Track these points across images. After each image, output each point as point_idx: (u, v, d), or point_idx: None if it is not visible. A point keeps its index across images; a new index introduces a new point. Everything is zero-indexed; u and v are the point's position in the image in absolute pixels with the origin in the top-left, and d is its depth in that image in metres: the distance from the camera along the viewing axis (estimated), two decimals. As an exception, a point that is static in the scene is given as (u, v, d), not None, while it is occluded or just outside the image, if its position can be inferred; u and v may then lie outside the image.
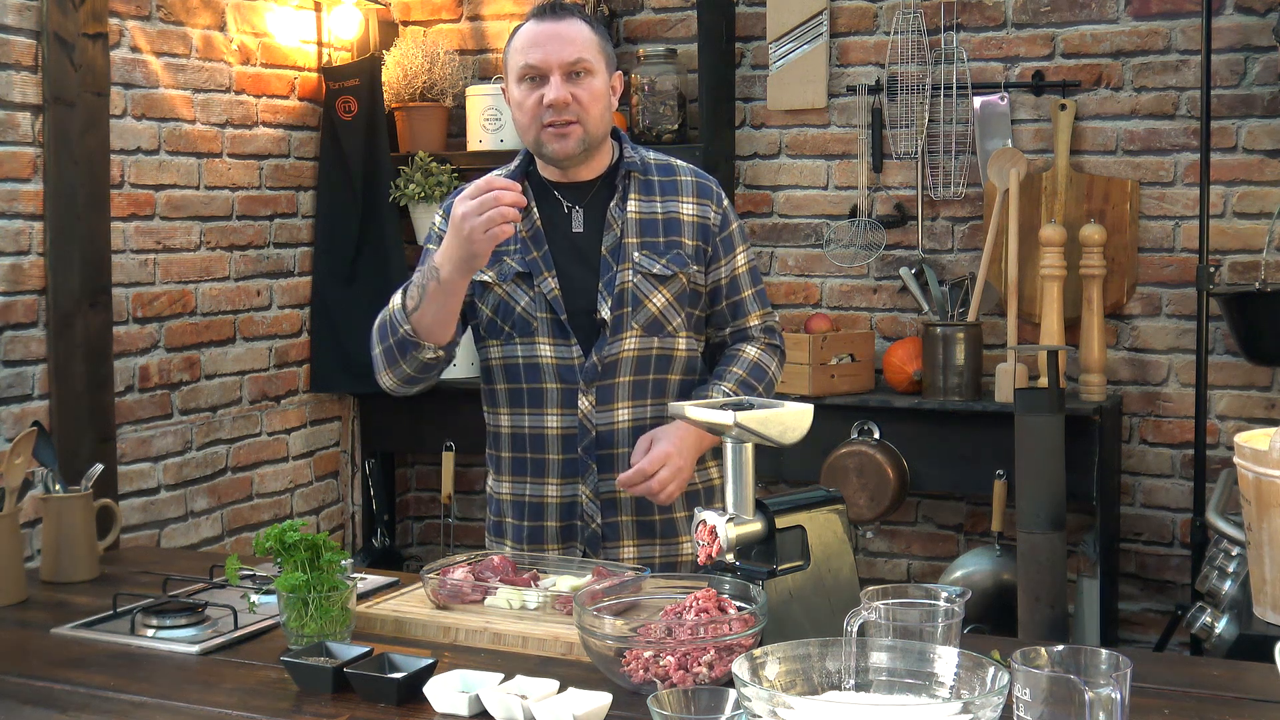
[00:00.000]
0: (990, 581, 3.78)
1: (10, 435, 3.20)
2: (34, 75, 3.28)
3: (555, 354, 2.37)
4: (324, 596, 1.96)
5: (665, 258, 2.37)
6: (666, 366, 2.41)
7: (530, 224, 2.38)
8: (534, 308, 2.36)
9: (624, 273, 2.36)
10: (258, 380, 4.11)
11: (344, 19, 4.31)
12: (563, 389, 2.37)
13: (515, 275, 2.37)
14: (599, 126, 2.34)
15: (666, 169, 2.45)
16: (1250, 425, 3.70)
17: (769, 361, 2.48)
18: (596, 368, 2.35)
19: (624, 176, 2.40)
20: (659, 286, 2.37)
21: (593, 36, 2.34)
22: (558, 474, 2.40)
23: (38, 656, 2.02)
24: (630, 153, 2.43)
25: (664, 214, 2.40)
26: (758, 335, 2.49)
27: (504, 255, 2.38)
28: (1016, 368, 3.76)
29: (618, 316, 2.35)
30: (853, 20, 4.13)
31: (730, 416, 1.87)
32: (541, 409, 2.39)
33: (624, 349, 2.36)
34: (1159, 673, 1.87)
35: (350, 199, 4.28)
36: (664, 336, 2.39)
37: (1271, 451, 2.30)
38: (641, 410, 2.39)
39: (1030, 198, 3.91)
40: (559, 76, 2.29)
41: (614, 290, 2.35)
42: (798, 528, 1.94)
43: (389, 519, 4.53)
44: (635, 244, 2.37)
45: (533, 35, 2.32)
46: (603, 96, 2.34)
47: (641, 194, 2.41)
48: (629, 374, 2.37)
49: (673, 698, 1.51)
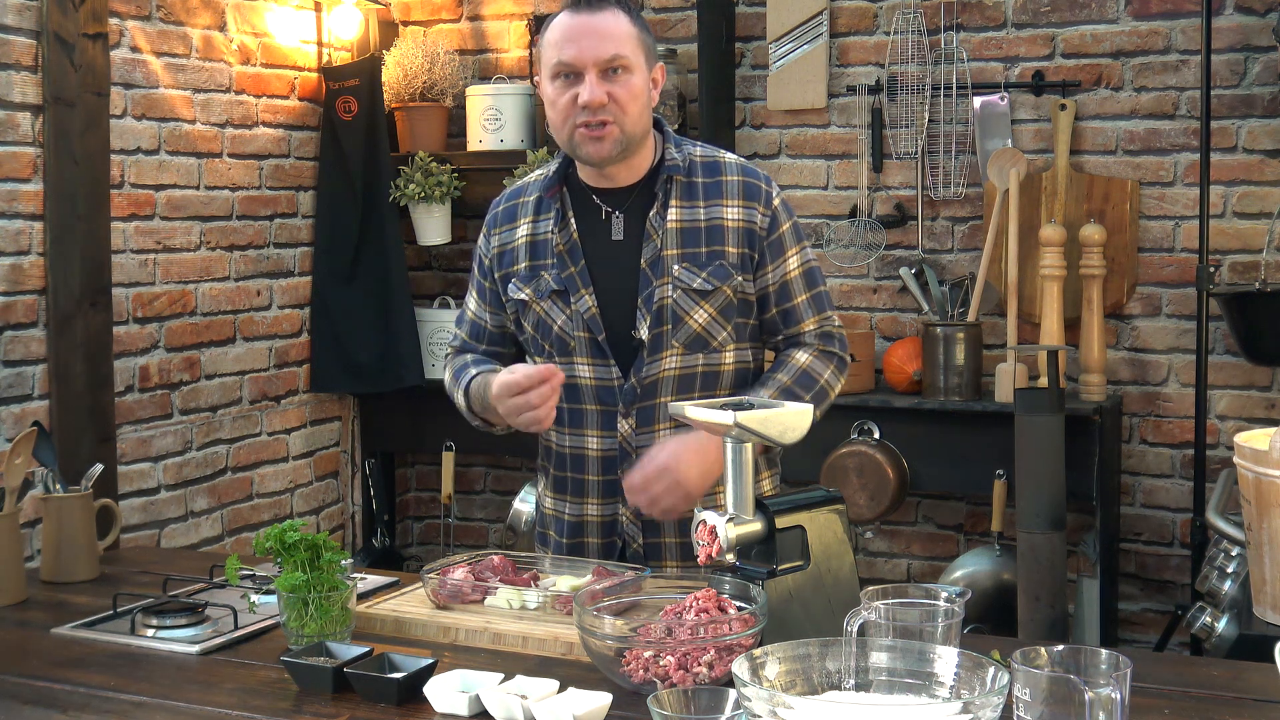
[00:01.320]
0: (990, 581, 3.78)
1: (10, 435, 3.20)
2: (34, 75, 3.28)
3: (594, 375, 2.28)
4: (324, 596, 1.96)
5: (707, 270, 2.24)
6: (713, 383, 2.30)
7: (567, 236, 2.28)
8: (571, 326, 2.27)
9: (663, 288, 2.23)
10: (258, 380, 4.11)
11: (344, 19, 4.31)
12: (602, 411, 2.29)
13: (552, 293, 2.28)
14: (637, 126, 2.21)
15: (712, 168, 2.29)
16: (1250, 425, 3.70)
17: (820, 369, 2.32)
18: (635, 390, 2.26)
19: (665, 181, 2.26)
20: (700, 302, 2.24)
21: (631, 28, 2.20)
22: (598, 494, 2.33)
23: (38, 656, 2.02)
24: (673, 153, 2.28)
25: (707, 220, 2.26)
26: (812, 342, 2.34)
27: (541, 271, 2.29)
28: (1016, 368, 3.76)
29: (656, 335, 2.24)
30: (853, 20, 4.13)
31: (730, 416, 1.87)
32: (582, 429, 2.32)
33: (664, 369, 2.26)
34: (1159, 673, 1.87)
35: (350, 199, 4.28)
36: (709, 352, 2.28)
37: (1271, 451, 2.30)
38: (685, 429, 2.25)
39: (1030, 198, 3.91)
40: (594, 74, 2.16)
41: (652, 307, 2.23)
42: (798, 528, 1.94)
43: (389, 519, 4.53)
44: (675, 255, 2.24)
45: (567, 29, 2.18)
46: (642, 94, 2.20)
47: (683, 199, 2.26)
48: (670, 394, 2.27)
49: (673, 698, 1.51)
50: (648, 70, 2.23)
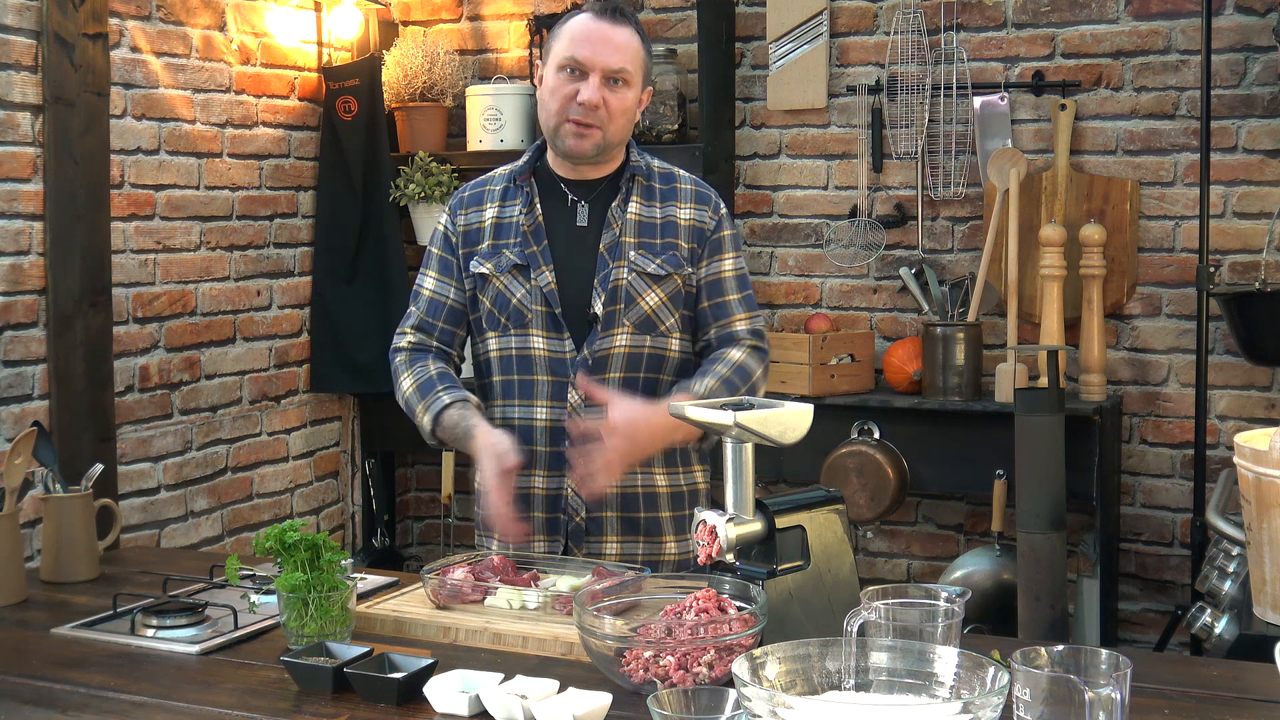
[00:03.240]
0: (990, 581, 3.78)
1: (10, 435, 3.20)
2: (34, 75, 3.28)
3: (548, 346, 2.39)
4: (324, 596, 1.96)
5: (661, 258, 2.40)
6: (659, 366, 2.43)
7: (533, 219, 2.42)
8: (529, 300, 2.39)
9: (619, 270, 2.38)
10: (258, 380, 4.11)
11: (344, 19, 4.31)
12: (553, 381, 2.39)
13: (513, 267, 2.41)
14: (619, 135, 2.38)
15: (668, 177, 2.49)
16: (1250, 425, 3.70)
17: (754, 365, 2.44)
18: (587, 361, 2.37)
19: (628, 179, 2.43)
20: (653, 285, 2.40)
21: (640, 49, 2.39)
22: (545, 466, 2.41)
23: (38, 656, 2.02)
24: (636, 157, 2.46)
25: (662, 218, 2.43)
26: (744, 338, 2.46)
27: (504, 248, 2.42)
28: (1016, 368, 3.76)
29: (610, 312, 2.37)
30: (853, 20, 4.13)
31: (730, 416, 1.87)
32: (531, 400, 2.41)
33: (615, 345, 2.38)
34: (1159, 673, 1.87)
35: (350, 199, 4.28)
36: (656, 335, 2.41)
37: (1271, 451, 2.29)
38: None
39: (1030, 198, 3.91)
40: (599, 79, 2.33)
41: (608, 286, 2.37)
42: (798, 528, 1.94)
43: (389, 519, 4.53)
44: (633, 243, 2.40)
45: (587, 30, 2.35)
46: (631, 108, 2.38)
47: (643, 198, 2.44)
48: (619, 370, 2.39)
49: (673, 698, 1.51)
50: (641, 90, 2.41)
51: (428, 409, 2.41)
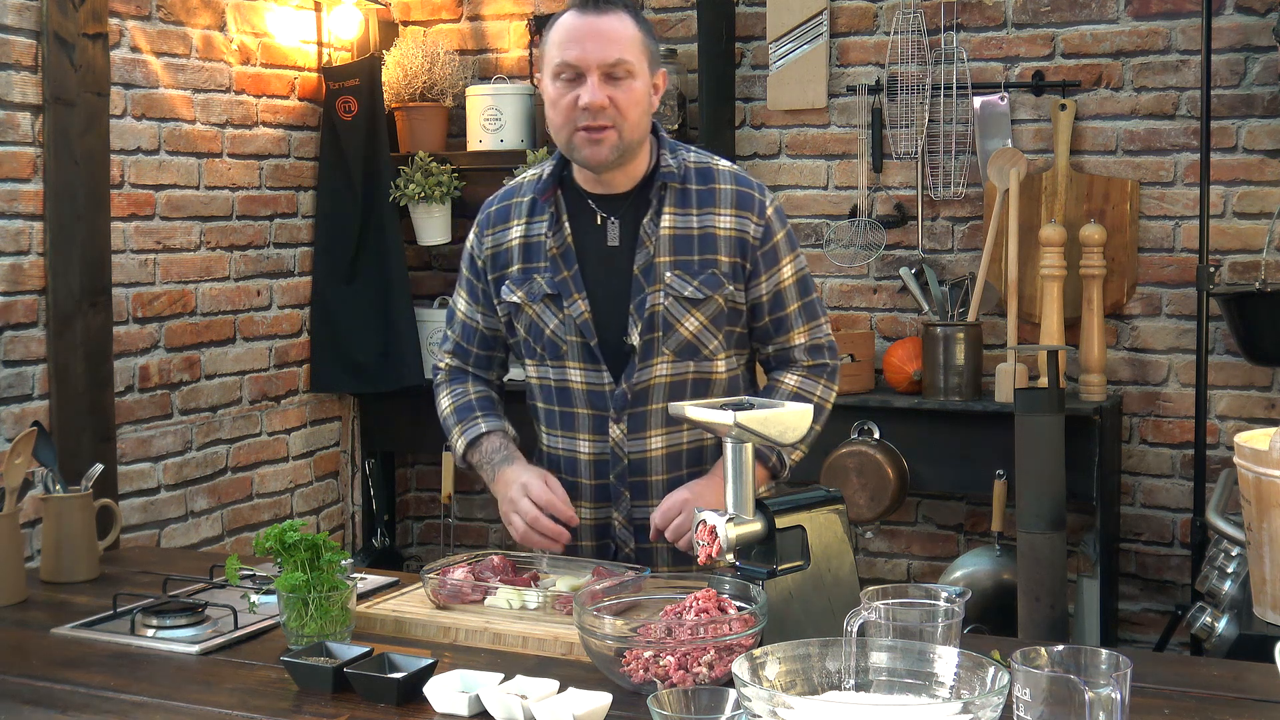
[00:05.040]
0: (990, 581, 3.77)
1: (10, 435, 3.20)
2: (34, 75, 3.28)
3: (585, 379, 2.29)
4: (324, 596, 1.96)
5: (699, 279, 2.24)
6: (704, 390, 2.30)
7: (561, 240, 2.28)
8: (563, 331, 2.28)
9: (655, 294, 2.24)
10: (258, 380, 4.11)
11: (344, 19, 4.31)
12: (593, 415, 2.30)
13: (545, 296, 2.28)
14: (636, 131, 2.21)
15: (705, 174, 2.29)
16: (1250, 425, 3.70)
17: (810, 387, 2.35)
18: (626, 396, 2.27)
19: (660, 188, 2.26)
20: (692, 310, 2.25)
21: (637, 33, 2.20)
22: (590, 498, 2.34)
23: (38, 656, 2.02)
24: (668, 160, 2.27)
25: (700, 229, 2.26)
26: (800, 358, 2.36)
27: (535, 274, 2.29)
28: (1016, 368, 3.76)
29: (648, 342, 2.25)
30: (853, 20, 4.13)
31: (730, 416, 1.87)
32: (574, 433, 2.33)
33: (655, 375, 2.27)
34: (1159, 673, 1.87)
35: (350, 199, 4.28)
36: (700, 360, 2.28)
37: (1271, 451, 2.30)
38: (677, 437, 2.31)
39: (1030, 198, 3.91)
40: (597, 77, 2.15)
41: (644, 313, 2.24)
42: (798, 528, 1.94)
43: (389, 519, 4.53)
44: (668, 263, 2.24)
45: (572, 29, 2.17)
46: (643, 99, 2.20)
47: (678, 206, 2.26)
48: (662, 400, 2.27)
49: (673, 698, 1.51)
50: (650, 75, 2.22)
51: (463, 433, 2.38)
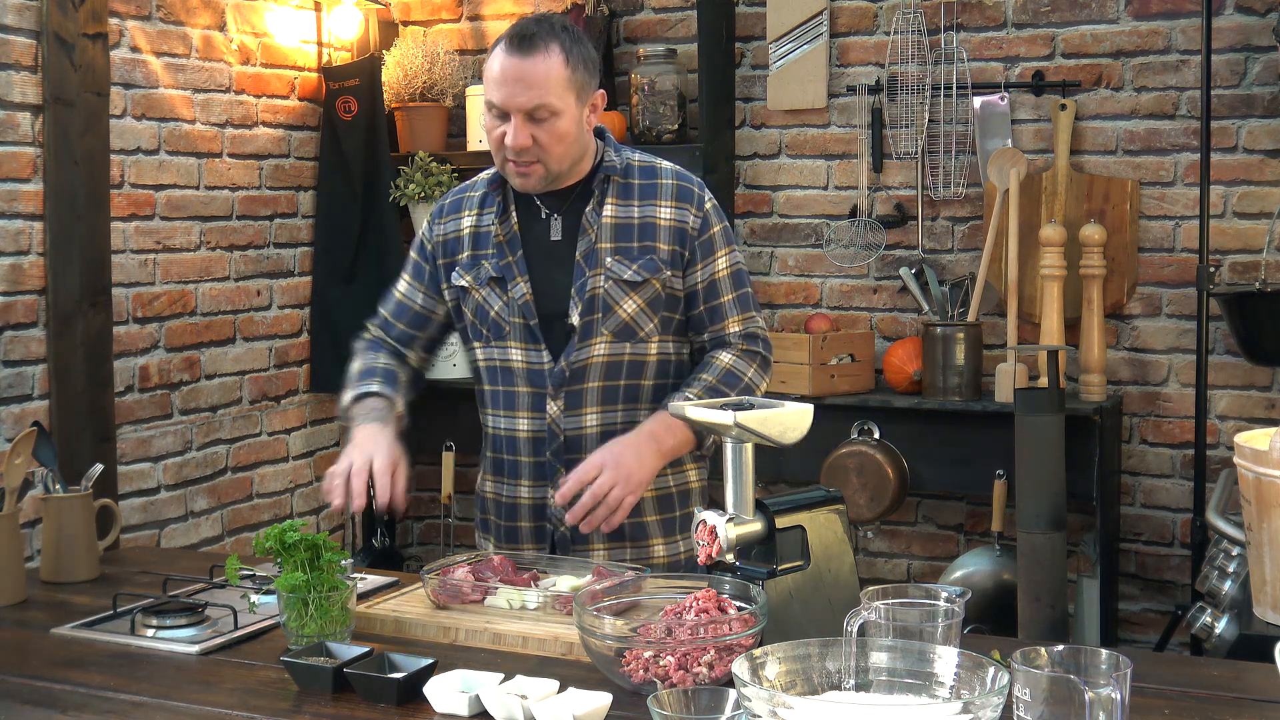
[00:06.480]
0: (990, 581, 3.78)
1: (10, 435, 3.20)
2: (34, 75, 3.28)
3: (525, 358, 2.38)
4: (324, 597, 1.96)
5: (638, 263, 2.34)
6: (639, 372, 2.39)
7: (508, 229, 2.38)
8: (507, 312, 2.37)
9: (595, 278, 2.33)
10: (258, 380, 4.11)
11: (344, 19, 4.31)
12: (532, 393, 2.38)
13: (490, 280, 2.38)
14: (563, 162, 2.30)
15: (649, 171, 2.40)
16: (1250, 425, 3.70)
17: (744, 368, 2.40)
18: (565, 373, 2.35)
19: (601, 180, 2.36)
20: (630, 292, 2.34)
21: (563, 72, 2.24)
22: (529, 476, 2.41)
23: (38, 656, 2.02)
24: (611, 156, 2.38)
25: (640, 218, 2.36)
26: (735, 341, 2.42)
27: (482, 259, 2.40)
28: (1016, 368, 3.76)
29: (587, 322, 2.33)
30: (853, 20, 4.13)
31: (730, 416, 1.87)
32: (514, 411, 2.41)
33: (593, 355, 2.35)
34: (1159, 673, 1.87)
35: (350, 199, 4.28)
36: (635, 342, 2.37)
37: (1271, 451, 2.30)
38: (611, 415, 2.38)
39: (1030, 198, 3.91)
40: (519, 119, 2.23)
41: (584, 295, 2.33)
42: (798, 528, 1.94)
43: (389, 519, 4.53)
44: (609, 249, 2.34)
45: (499, 71, 2.24)
46: (568, 134, 2.27)
47: (619, 198, 2.37)
48: (598, 379, 2.36)
49: (673, 698, 1.51)
50: (580, 107, 2.28)
51: (355, 388, 2.44)
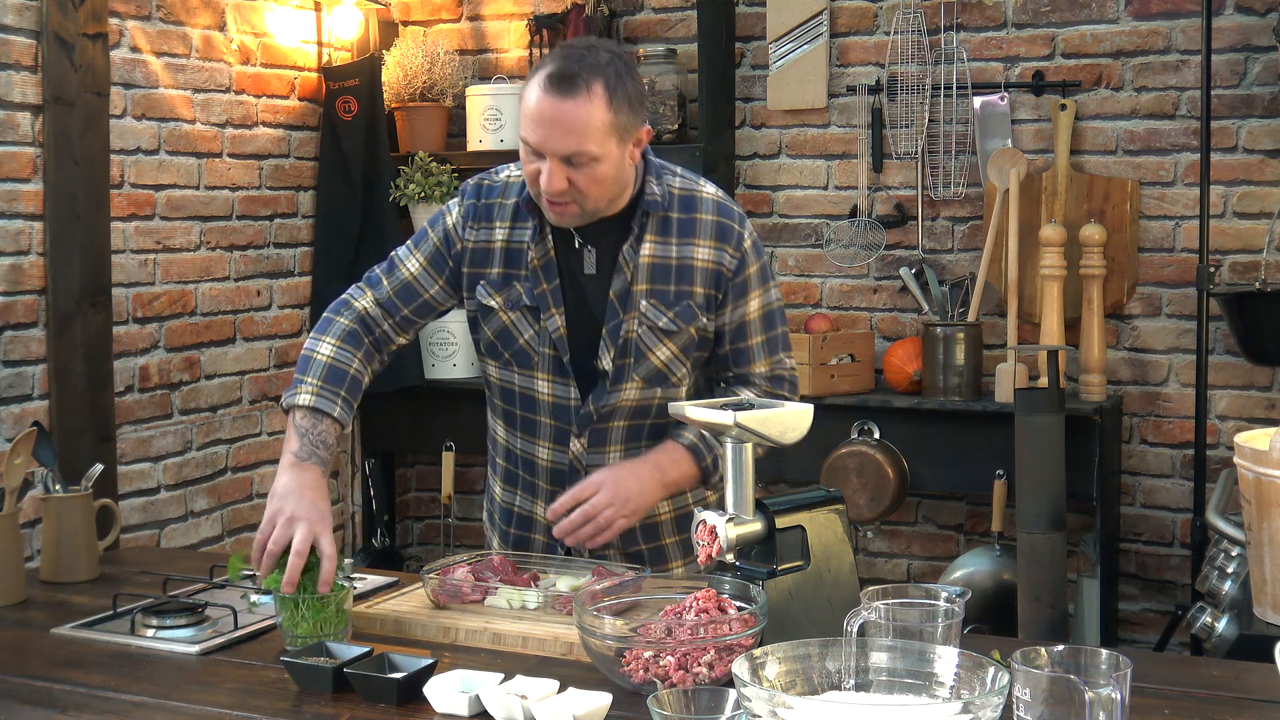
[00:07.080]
0: (990, 581, 3.78)
1: (10, 435, 3.20)
2: (34, 75, 3.28)
3: (553, 392, 2.29)
4: (315, 597, 1.96)
5: (674, 310, 2.25)
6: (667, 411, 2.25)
7: (544, 252, 2.26)
8: (538, 342, 2.28)
9: (629, 322, 2.25)
10: (258, 380, 4.11)
11: (344, 19, 4.31)
12: (556, 426, 2.31)
13: (523, 307, 2.28)
14: (600, 202, 2.17)
15: (689, 203, 2.27)
16: (1250, 425, 3.70)
17: None
18: (591, 416, 2.29)
19: (641, 215, 2.24)
20: (664, 340, 2.26)
21: (605, 116, 2.09)
22: (546, 499, 2.35)
23: (38, 656, 2.02)
24: (653, 188, 2.24)
25: (678, 259, 2.25)
26: (759, 383, 2.34)
27: (515, 281, 2.28)
28: (1016, 368, 3.76)
29: (619, 367, 2.26)
30: (853, 20, 4.13)
31: (730, 416, 1.87)
32: (535, 439, 2.35)
33: (623, 399, 2.29)
34: (1159, 673, 1.87)
35: (350, 199, 4.28)
36: (667, 387, 2.30)
37: (1271, 451, 2.30)
38: (635, 451, 2.32)
39: (1030, 198, 3.91)
40: (555, 162, 2.11)
41: (617, 339, 2.25)
42: (798, 528, 1.94)
43: (389, 519, 4.53)
44: (644, 291, 2.24)
45: (537, 110, 2.12)
46: (607, 176, 2.14)
47: (658, 234, 2.25)
48: (625, 419, 2.31)
49: (673, 698, 1.51)
50: (621, 150, 2.15)
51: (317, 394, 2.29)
